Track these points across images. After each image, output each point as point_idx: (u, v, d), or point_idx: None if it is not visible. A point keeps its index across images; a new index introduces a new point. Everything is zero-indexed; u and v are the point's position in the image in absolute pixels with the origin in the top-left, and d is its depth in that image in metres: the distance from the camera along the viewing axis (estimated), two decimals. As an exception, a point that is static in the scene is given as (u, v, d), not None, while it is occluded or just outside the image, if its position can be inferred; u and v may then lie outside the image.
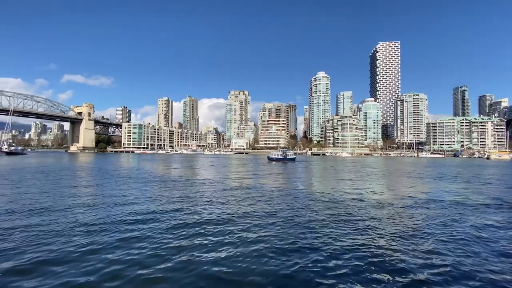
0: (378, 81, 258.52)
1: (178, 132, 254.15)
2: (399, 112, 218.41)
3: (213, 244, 8.18)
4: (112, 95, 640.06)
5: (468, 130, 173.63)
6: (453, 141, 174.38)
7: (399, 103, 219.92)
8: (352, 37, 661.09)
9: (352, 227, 10.15)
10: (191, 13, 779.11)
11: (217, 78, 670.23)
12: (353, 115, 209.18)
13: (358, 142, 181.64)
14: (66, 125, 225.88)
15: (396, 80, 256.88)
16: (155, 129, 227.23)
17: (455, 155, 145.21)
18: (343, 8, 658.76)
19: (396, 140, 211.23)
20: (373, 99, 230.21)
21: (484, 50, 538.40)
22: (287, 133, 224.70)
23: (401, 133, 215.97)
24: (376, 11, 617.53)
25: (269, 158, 66.24)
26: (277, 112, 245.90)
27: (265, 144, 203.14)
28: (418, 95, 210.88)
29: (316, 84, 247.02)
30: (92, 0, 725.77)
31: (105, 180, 25.29)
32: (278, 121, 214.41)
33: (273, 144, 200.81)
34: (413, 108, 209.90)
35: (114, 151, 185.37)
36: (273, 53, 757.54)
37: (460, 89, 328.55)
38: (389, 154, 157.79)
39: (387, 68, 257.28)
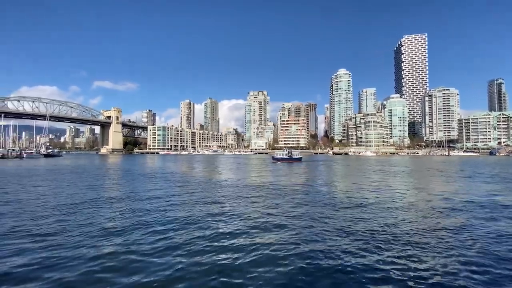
0: (403, 76, 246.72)
1: (200, 134, 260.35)
2: (427, 108, 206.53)
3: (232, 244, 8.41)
4: (138, 99, 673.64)
5: (506, 126, 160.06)
6: (489, 138, 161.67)
7: (427, 98, 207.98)
8: (374, 31, 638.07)
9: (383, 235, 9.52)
10: (210, 15, 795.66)
11: (237, 80, 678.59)
12: (377, 112, 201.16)
13: (383, 141, 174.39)
14: (97, 129, 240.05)
15: (423, 75, 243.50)
16: (178, 131, 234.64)
17: (491, 153, 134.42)
18: (364, 1, 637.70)
19: (425, 138, 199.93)
20: (398, 95, 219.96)
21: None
22: (307, 133, 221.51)
23: (429, 131, 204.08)
24: (400, 2, 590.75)
25: (273, 158, 64.38)
26: (296, 111, 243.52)
27: (284, 144, 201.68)
28: (448, 89, 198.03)
29: (337, 81, 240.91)
30: (114, 8, 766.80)
31: (135, 178, 26.71)
32: (298, 120, 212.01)
33: (293, 144, 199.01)
34: (443, 103, 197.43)
35: (141, 152, 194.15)
36: (292, 52, 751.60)
37: (496, 82, 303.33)
38: (417, 153, 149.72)
39: (414, 63, 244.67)
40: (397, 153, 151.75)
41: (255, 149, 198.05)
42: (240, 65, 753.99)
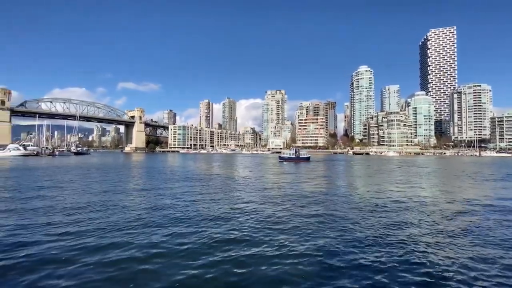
0: (429, 72, 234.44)
1: (218, 133, 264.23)
2: (455, 106, 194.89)
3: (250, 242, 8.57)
4: (160, 99, 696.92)
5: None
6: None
7: (455, 96, 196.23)
8: (397, 26, 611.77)
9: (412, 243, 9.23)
10: (227, 17, 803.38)
11: (255, 79, 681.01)
12: (401, 110, 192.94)
13: (407, 140, 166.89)
14: (122, 128, 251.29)
15: (451, 71, 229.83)
16: (197, 130, 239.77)
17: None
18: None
19: (453, 138, 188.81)
20: (424, 92, 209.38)
21: None
22: (326, 132, 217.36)
23: (458, 130, 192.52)
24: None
25: (280, 158, 62.00)
26: (315, 110, 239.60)
27: (302, 143, 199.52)
28: (479, 85, 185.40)
29: (357, 79, 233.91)
30: (134, 11, 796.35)
31: (159, 175, 27.81)
32: (316, 119, 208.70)
33: (311, 143, 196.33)
34: (474, 101, 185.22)
35: (162, 151, 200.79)
36: (311, 50, 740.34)
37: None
38: (444, 153, 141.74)
39: (441, 58, 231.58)
40: (422, 153, 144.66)
41: (273, 148, 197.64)
42: (258, 65, 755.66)
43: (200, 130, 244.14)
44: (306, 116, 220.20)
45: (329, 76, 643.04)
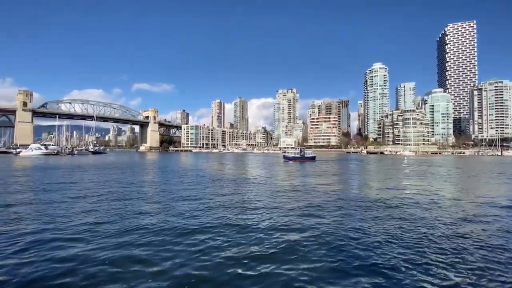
0: (448, 68, 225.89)
1: (230, 132, 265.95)
2: (476, 103, 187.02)
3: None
4: (173, 99, 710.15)
5: None
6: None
7: (475, 92, 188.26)
8: (413, 21, 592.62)
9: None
10: (236, 15, 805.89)
11: (266, 78, 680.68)
12: (417, 108, 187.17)
13: (423, 139, 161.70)
14: (136, 128, 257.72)
15: (471, 67, 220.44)
16: (209, 130, 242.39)
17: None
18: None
19: (473, 137, 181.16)
20: (441, 89, 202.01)
21: None
22: (339, 131, 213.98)
23: (479, 128, 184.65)
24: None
25: (285, 157, 61.03)
26: (327, 108, 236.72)
27: (314, 142, 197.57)
28: (501, 82, 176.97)
29: (371, 76, 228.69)
30: (147, 12, 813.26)
31: (173, 173, 28.41)
32: (329, 118, 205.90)
33: (323, 142, 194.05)
34: (495, 98, 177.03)
35: (175, 150, 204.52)
36: (323, 48, 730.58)
37: None
38: (463, 153, 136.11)
39: (460, 53, 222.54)
40: (439, 153, 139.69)
41: (284, 147, 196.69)
42: (269, 64, 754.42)
43: (212, 130, 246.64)
44: (318, 115, 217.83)
45: (342, 74, 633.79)
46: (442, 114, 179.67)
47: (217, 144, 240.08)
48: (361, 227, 9.52)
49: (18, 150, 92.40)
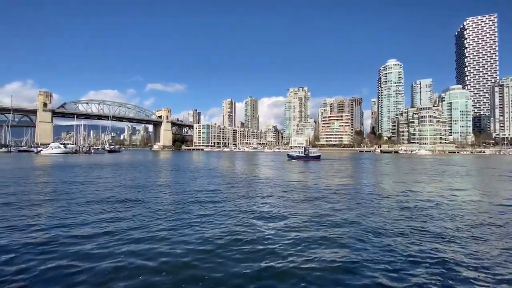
0: (467, 64, 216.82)
1: (240, 131, 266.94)
2: (497, 100, 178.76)
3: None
4: (185, 99, 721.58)
5: None
6: None
7: (497, 89, 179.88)
8: (430, 15, 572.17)
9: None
10: (248, 14, 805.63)
11: (277, 77, 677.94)
12: (434, 106, 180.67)
13: (440, 138, 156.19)
14: (150, 127, 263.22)
15: (492, 62, 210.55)
16: (220, 129, 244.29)
17: None
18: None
19: (494, 135, 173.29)
20: (460, 86, 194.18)
21: None
22: (352, 129, 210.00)
23: (500, 126, 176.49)
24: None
25: (288, 156, 60.65)
26: (339, 107, 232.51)
27: (326, 141, 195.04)
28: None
29: (385, 73, 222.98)
30: (161, 12, 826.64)
31: (187, 171, 28.92)
32: (341, 116, 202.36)
33: (335, 141, 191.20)
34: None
35: (187, 149, 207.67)
36: (334, 45, 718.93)
37: None
38: (483, 152, 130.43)
39: (480, 48, 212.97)
40: (457, 152, 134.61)
41: (295, 146, 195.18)
42: (280, 63, 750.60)
43: (223, 129, 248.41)
44: (330, 113, 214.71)
45: (355, 72, 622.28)
46: (460, 111, 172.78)
47: (228, 143, 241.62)
48: (373, 228, 9.35)
49: (39, 149, 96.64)
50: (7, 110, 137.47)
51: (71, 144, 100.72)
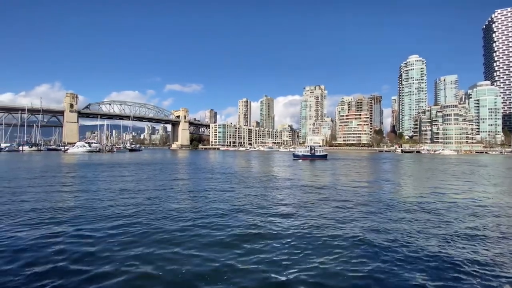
0: (496, 59, 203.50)
1: (256, 131, 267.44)
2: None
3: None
4: (202, 99, 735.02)
5: None
6: None
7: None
8: (454, 8, 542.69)
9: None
10: (263, 13, 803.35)
11: (293, 75, 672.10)
12: (459, 103, 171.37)
13: (467, 137, 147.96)
14: (169, 127, 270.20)
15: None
16: (236, 128, 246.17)
17: None
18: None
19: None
20: (488, 82, 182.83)
21: None
22: (371, 128, 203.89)
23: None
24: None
25: (294, 155, 60.12)
26: (357, 105, 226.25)
27: (344, 140, 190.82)
28: None
29: (407, 70, 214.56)
30: (177, 13, 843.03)
31: (204, 170, 29.57)
32: (360, 115, 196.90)
33: (353, 140, 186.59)
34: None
35: (204, 148, 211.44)
36: (352, 42, 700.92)
37: None
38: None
39: (510, 42, 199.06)
40: (485, 152, 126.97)
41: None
42: (295, 62, 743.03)
43: (238, 128, 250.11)
44: (348, 112, 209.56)
45: (374, 69, 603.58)
46: (489, 109, 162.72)
47: (244, 142, 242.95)
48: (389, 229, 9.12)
49: (66, 147, 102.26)
50: (37, 111, 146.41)
51: (95, 143, 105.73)
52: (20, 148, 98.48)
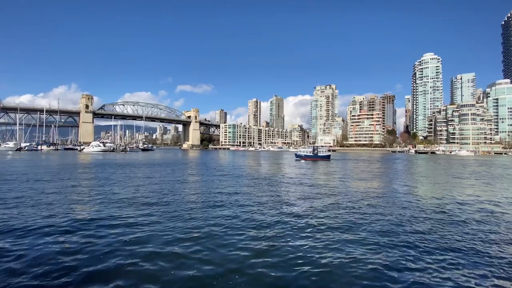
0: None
1: (266, 131, 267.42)
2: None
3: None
4: (212, 99, 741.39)
5: None
6: None
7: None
8: (471, 4, 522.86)
9: None
10: (272, 12, 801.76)
11: (303, 75, 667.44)
12: (477, 102, 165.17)
13: (485, 137, 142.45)
14: (180, 127, 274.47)
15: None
16: (246, 128, 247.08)
17: None
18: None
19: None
20: (508, 80, 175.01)
21: None
22: (383, 128, 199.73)
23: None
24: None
25: (296, 156, 59.10)
26: (370, 105, 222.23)
27: (355, 141, 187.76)
28: None
29: (421, 68, 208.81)
30: (188, 19, 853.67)
31: (214, 169, 29.93)
32: (372, 114, 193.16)
33: (365, 141, 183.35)
34: None
35: (214, 148, 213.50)
36: (364, 40, 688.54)
37: None
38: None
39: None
40: (505, 153, 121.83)
41: (322, 146, 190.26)
42: (306, 60, 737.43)
43: (248, 128, 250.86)
44: (360, 111, 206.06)
45: (386, 68, 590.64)
46: (508, 108, 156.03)
47: (253, 142, 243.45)
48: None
49: (82, 147, 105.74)
50: (55, 112, 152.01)
51: (109, 143, 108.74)
52: (39, 147, 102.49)
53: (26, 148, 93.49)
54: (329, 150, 69.41)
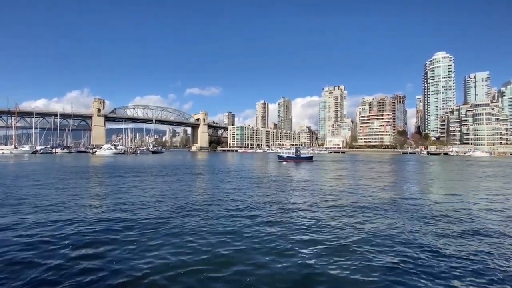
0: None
1: (273, 132, 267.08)
2: None
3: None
4: (220, 101, 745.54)
5: None
6: None
7: None
8: (484, 1, 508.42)
9: None
10: (279, 13, 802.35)
11: (311, 76, 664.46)
12: (492, 102, 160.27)
13: (500, 138, 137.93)
14: (189, 129, 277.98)
15: None
16: (253, 130, 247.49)
17: None
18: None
19: None
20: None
21: None
22: (393, 129, 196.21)
23: None
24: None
25: (279, 157, 59.27)
26: (379, 105, 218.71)
27: (365, 142, 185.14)
28: None
29: (432, 67, 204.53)
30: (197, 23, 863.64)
31: (222, 172, 30.11)
32: (382, 115, 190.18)
33: (375, 142, 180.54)
34: None
35: (223, 150, 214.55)
36: (373, 38, 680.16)
37: None
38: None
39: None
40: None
41: (330, 147, 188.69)
42: (314, 61, 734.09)
43: (256, 130, 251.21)
44: (369, 112, 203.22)
45: (396, 68, 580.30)
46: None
47: (261, 144, 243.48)
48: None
49: (94, 149, 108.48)
50: (68, 115, 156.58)
51: (120, 145, 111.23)
52: (53, 150, 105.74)
53: (41, 151, 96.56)
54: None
